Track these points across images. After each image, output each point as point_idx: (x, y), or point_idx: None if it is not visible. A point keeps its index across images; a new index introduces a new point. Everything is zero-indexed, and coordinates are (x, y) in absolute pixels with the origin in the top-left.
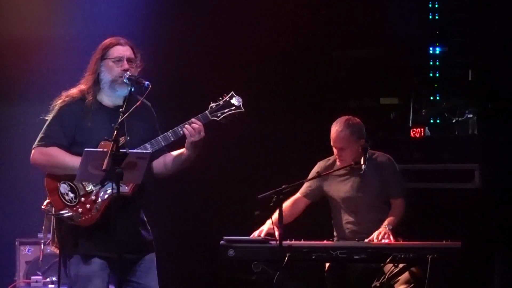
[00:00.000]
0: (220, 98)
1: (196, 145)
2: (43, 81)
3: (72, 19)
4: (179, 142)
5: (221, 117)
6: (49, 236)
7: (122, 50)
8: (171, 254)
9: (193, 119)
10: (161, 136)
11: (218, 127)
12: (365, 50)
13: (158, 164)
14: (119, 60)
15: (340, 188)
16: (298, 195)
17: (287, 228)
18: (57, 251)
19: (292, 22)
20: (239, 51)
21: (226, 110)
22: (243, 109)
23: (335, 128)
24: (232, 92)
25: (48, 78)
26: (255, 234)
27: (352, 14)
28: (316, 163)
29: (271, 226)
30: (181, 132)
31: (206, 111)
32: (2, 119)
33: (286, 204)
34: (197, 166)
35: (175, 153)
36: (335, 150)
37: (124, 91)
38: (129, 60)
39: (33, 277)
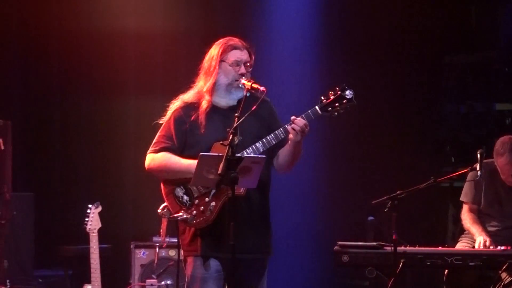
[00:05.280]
0: (331, 92)
1: (298, 142)
2: (159, 76)
3: (189, 13)
4: None
5: (331, 111)
6: (168, 239)
7: (240, 54)
8: (284, 258)
9: (297, 119)
10: (272, 134)
11: (332, 125)
12: (477, 54)
13: (276, 159)
14: (236, 64)
15: (483, 193)
16: (470, 205)
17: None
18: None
19: (404, 26)
20: (350, 51)
21: (337, 104)
22: (355, 102)
23: (505, 161)
24: (344, 84)
25: (164, 73)
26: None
27: (464, 18)
28: (427, 168)
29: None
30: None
31: (316, 106)
32: (120, 117)
33: (475, 218)
34: (310, 170)
35: (286, 146)
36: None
37: (239, 94)
38: (245, 64)
39: (147, 280)
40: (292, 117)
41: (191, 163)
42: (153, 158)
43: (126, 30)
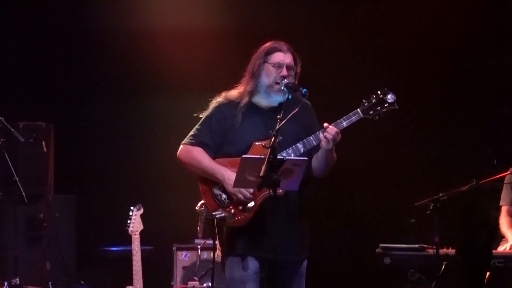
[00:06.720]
0: (373, 95)
1: (330, 149)
2: (200, 74)
3: (231, 11)
4: None
5: (373, 114)
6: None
7: (283, 57)
8: (325, 260)
9: (329, 128)
10: (312, 135)
11: (373, 128)
12: None
13: (313, 162)
14: (279, 66)
15: None
16: (508, 207)
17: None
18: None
19: (445, 27)
20: (392, 55)
21: (379, 107)
22: (397, 106)
23: None
24: (385, 88)
25: (205, 71)
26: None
27: (506, 19)
28: (469, 170)
29: None
30: None
31: (358, 109)
32: (162, 118)
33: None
34: (351, 172)
35: (318, 153)
36: None
37: (278, 98)
38: (288, 68)
39: (189, 282)
40: (325, 124)
41: (217, 168)
42: (187, 150)
43: (167, 29)
